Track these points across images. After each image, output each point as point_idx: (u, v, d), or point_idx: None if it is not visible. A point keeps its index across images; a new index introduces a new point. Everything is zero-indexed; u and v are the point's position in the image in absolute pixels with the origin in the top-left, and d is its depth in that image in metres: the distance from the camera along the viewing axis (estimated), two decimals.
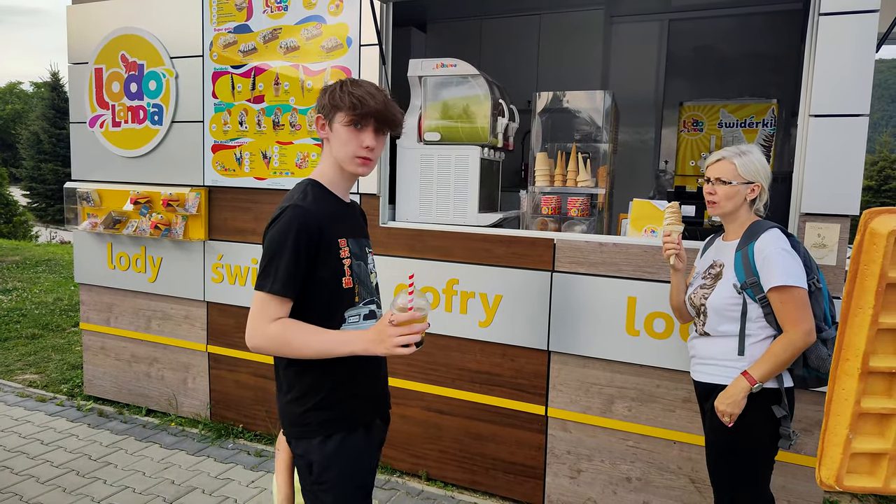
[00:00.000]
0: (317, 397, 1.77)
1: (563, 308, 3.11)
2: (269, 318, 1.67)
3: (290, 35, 3.61)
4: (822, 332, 2.14)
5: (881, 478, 1.88)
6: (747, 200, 2.26)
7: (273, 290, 1.66)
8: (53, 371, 5.22)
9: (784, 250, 2.11)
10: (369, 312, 1.86)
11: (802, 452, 2.78)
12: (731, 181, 2.23)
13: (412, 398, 3.49)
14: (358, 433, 1.84)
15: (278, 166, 3.73)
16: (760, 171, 2.24)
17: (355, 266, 1.81)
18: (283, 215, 1.70)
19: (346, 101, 1.73)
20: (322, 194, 1.81)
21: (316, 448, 1.78)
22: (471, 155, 3.39)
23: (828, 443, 1.90)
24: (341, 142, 1.77)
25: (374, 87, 1.79)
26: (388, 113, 1.77)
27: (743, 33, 4.88)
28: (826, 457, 1.90)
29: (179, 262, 4.13)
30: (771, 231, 2.17)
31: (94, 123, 4.32)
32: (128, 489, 3.36)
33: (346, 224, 1.84)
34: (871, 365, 1.80)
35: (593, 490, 3.16)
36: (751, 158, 2.25)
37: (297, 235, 1.67)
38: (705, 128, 4.24)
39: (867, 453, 1.87)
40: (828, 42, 2.57)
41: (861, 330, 1.80)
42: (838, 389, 1.88)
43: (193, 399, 4.24)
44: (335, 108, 1.75)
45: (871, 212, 1.79)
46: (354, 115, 1.73)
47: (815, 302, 2.14)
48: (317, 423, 1.78)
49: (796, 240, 2.21)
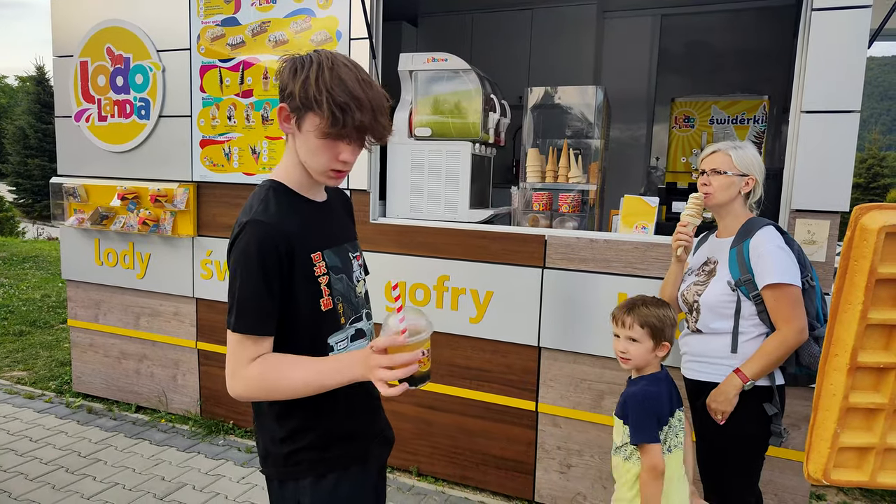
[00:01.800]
0: (308, 437, 1.51)
1: (553, 304, 3.11)
2: (246, 360, 1.39)
3: (279, 28, 3.58)
4: (814, 330, 2.14)
5: (868, 471, 1.89)
6: (741, 194, 2.26)
7: (240, 329, 1.38)
8: (42, 368, 5.18)
9: (779, 248, 2.11)
10: (356, 332, 1.59)
11: (789, 447, 2.79)
12: (727, 171, 2.24)
13: (403, 394, 3.47)
14: (352, 470, 1.58)
15: (267, 161, 3.70)
16: (755, 164, 2.26)
17: (335, 282, 1.52)
18: (242, 234, 1.39)
19: (324, 106, 1.33)
20: (286, 201, 1.48)
21: (307, 490, 1.52)
22: (462, 151, 3.37)
23: (816, 437, 1.90)
24: (310, 151, 1.42)
25: (363, 81, 1.39)
26: (377, 127, 1.41)
27: (735, 29, 4.89)
28: (814, 451, 1.90)
29: (168, 258, 4.10)
30: (766, 228, 2.17)
31: (79, 118, 4.27)
32: (118, 486, 3.34)
33: (320, 231, 1.53)
34: (859, 360, 1.80)
35: (583, 485, 3.16)
36: (746, 152, 2.26)
37: (263, 257, 1.37)
38: (697, 124, 4.24)
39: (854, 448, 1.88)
40: (820, 38, 2.58)
41: (850, 325, 1.80)
42: (827, 384, 1.88)
43: (183, 395, 4.21)
44: (307, 107, 1.37)
45: (862, 207, 1.79)
46: (333, 129, 1.36)
47: (809, 300, 2.15)
48: (308, 462, 1.52)
49: (790, 237, 2.21)
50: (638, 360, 2.08)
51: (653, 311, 2.06)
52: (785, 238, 2.18)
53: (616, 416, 2.13)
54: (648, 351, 2.06)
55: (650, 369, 2.12)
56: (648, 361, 2.09)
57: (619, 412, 2.11)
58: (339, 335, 1.54)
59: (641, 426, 2.01)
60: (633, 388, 2.10)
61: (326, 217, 1.59)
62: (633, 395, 2.07)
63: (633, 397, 2.06)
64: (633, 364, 2.09)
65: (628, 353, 2.08)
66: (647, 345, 2.06)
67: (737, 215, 2.29)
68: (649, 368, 2.12)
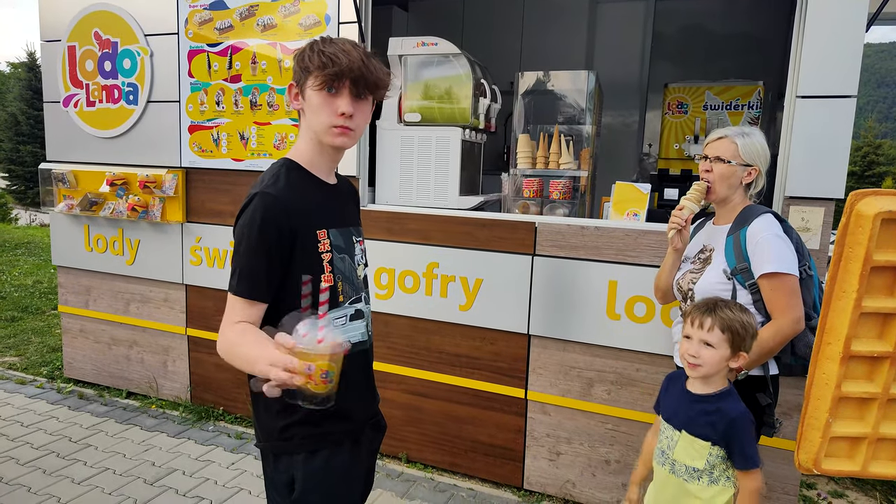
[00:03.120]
0: (303, 410, 1.53)
1: (543, 292, 3.09)
2: (232, 321, 1.47)
3: (268, 12, 3.52)
4: (811, 320, 2.11)
5: (860, 461, 1.88)
6: (743, 184, 2.21)
7: (240, 292, 1.47)
8: (33, 354, 5.16)
9: (777, 236, 2.07)
10: (356, 312, 1.64)
11: (781, 436, 2.79)
12: (730, 160, 2.18)
13: (392, 381, 3.47)
14: (345, 447, 1.63)
15: (256, 147, 3.66)
16: (761, 154, 2.19)
17: (337, 261, 1.58)
18: (250, 204, 1.47)
19: (315, 60, 1.46)
20: (298, 177, 1.56)
21: (299, 465, 1.58)
22: (452, 136, 3.34)
23: (807, 426, 1.89)
24: (314, 110, 1.51)
25: (351, 43, 1.51)
26: (367, 70, 1.48)
27: (729, 14, 4.85)
28: (805, 440, 1.90)
29: (157, 244, 4.07)
30: (764, 216, 2.12)
31: (67, 103, 4.21)
32: (108, 471, 3.33)
33: (328, 211, 1.59)
34: (852, 349, 1.79)
35: (572, 472, 3.16)
36: (753, 140, 2.19)
37: (265, 228, 1.44)
38: (690, 110, 4.21)
39: (846, 437, 1.87)
40: (816, 21, 2.54)
41: (844, 314, 1.79)
42: (819, 373, 1.87)
43: (174, 382, 4.20)
44: (305, 70, 1.49)
45: (858, 193, 1.76)
46: (325, 76, 1.45)
47: (806, 289, 2.11)
48: (301, 437, 1.57)
49: (789, 225, 2.17)
50: (710, 367, 1.86)
51: (737, 316, 1.85)
52: (784, 227, 2.13)
53: (696, 437, 1.90)
54: (723, 359, 1.86)
55: (718, 382, 1.91)
56: (719, 371, 1.89)
57: (712, 435, 1.87)
58: (337, 312, 1.59)
59: (753, 449, 1.84)
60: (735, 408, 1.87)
61: (334, 199, 1.65)
62: (740, 417, 1.85)
63: (743, 419, 1.85)
64: (704, 372, 1.87)
65: (700, 357, 1.86)
66: (723, 352, 1.85)
67: (735, 203, 2.24)
68: (717, 381, 1.91)
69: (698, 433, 1.89)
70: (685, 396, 1.95)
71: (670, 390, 2.06)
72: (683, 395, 1.96)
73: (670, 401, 2.03)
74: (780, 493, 2.83)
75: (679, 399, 1.98)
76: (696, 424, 1.90)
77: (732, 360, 1.87)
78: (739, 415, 1.86)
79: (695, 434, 1.90)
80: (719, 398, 1.90)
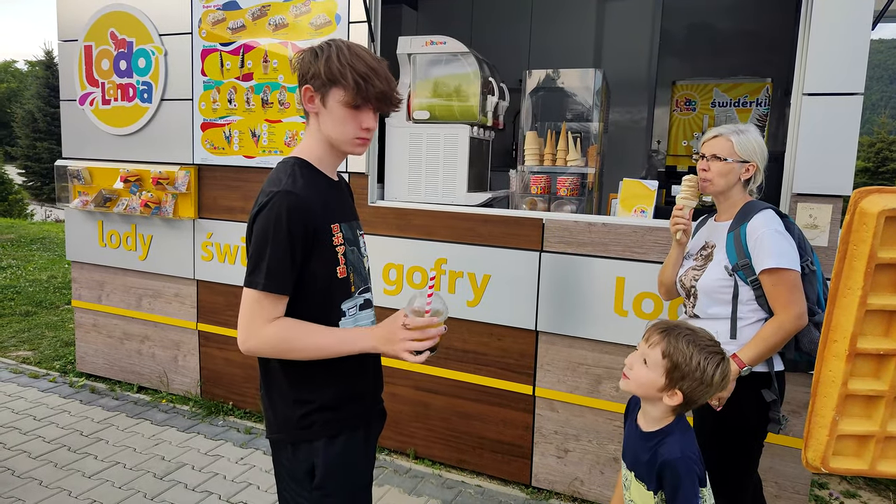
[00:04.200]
0: (323, 397, 1.61)
1: (551, 288, 3.10)
2: (264, 319, 1.51)
3: (279, 12, 3.56)
4: (814, 316, 2.11)
5: (867, 460, 1.87)
6: (741, 180, 2.22)
7: (267, 288, 1.49)
8: (47, 348, 5.24)
9: (777, 231, 2.07)
10: (364, 302, 1.71)
11: (790, 434, 2.78)
12: (727, 158, 2.19)
13: (400, 377, 3.49)
14: (359, 432, 1.70)
15: (267, 144, 3.70)
16: (757, 150, 2.20)
17: (349, 253, 1.64)
18: (272, 202, 1.50)
19: (348, 77, 1.50)
20: (311, 175, 1.61)
21: (320, 451, 1.62)
22: (460, 134, 3.36)
23: (814, 424, 1.89)
24: (337, 121, 1.56)
25: (375, 58, 1.56)
26: (394, 95, 1.58)
27: (737, 11, 4.82)
28: (812, 438, 1.90)
29: (169, 240, 4.12)
30: (765, 212, 2.12)
31: (84, 101, 4.28)
32: (119, 464, 3.38)
33: (337, 206, 1.66)
34: (858, 346, 1.78)
35: (580, 469, 3.17)
36: (748, 137, 2.20)
37: (291, 225, 1.48)
38: (698, 107, 4.19)
39: (854, 435, 1.87)
40: (823, 18, 2.53)
41: (849, 311, 1.79)
42: (825, 371, 1.87)
43: (184, 376, 4.25)
44: (332, 82, 1.52)
45: (862, 191, 1.76)
46: (359, 96, 1.52)
47: (809, 284, 2.11)
48: (321, 423, 1.62)
49: (791, 220, 2.18)
50: (636, 386, 1.69)
51: (689, 352, 1.62)
52: (785, 222, 2.14)
53: (640, 482, 1.72)
54: (654, 385, 1.65)
55: (661, 417, 1.70)
56: (648, 397, 1.70)
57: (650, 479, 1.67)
58: (349, 302, 1.65)
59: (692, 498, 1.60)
60: (669, 450, 1.63)
61: (340, 194, 1.72)
62: (677, 462, 1.61)
63: (677, 464, 1.60)
64: (628, 388, 1.71)
65: (632, 370, 1.69)
66: (656, 377, 1.64)
67: (735, 200, 2.25)
68: (659, 414, 1.69)
69: (644, 479, 1.70)
70: (635, 430, 1.78)
71: (629, 418, 1.87)
72: (634, 428, 1.79)
73: (627, 431, 1.86)
74: (790, 492, 2.82)
75: (631, 431, 1.82)
76: (640, 466, 1.72)
77: (667, 393, 1.64)
78: (672, 459, 1.61)
79: (641, 479, 1.72)
80: (659, 437, 1.68)
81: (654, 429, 1.71)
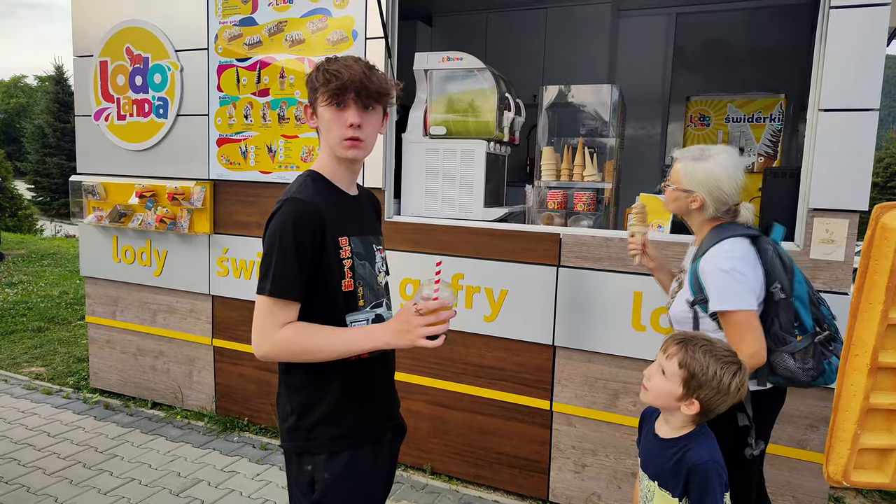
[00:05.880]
0: (322, 409, 1.63)
1: (568, 303, 3.10)
2: (276, 324, 1.53)
3: (296, 28, 3.60)
4: (786, 345, 2.02)
5: (889, 473, 1.87)
6: (690, 209, 2.14)
7: (275, 293, 1.52)
8: (59, 364, 5.24)
9: (721, 270, 1.99)
10: (376, 317, 1.71)
11: (808, 448, 2.77)
12: (672, 186, 2.15)
13: (417, 392, 3.49)
14: (367, 449, 1.70)
15: (283, 160, 3.72)
16: (706, 181, 2.07)
17: (358, 267, 1.65)
18: (280, 210, 1.56)
19: (319, 78, 1.58)
20: (323, 186, 1.65)
21: (321, 465, 1.64)
22: (476, 149, 3.38)
23: (836, 438, 1.89)
24: (326, 126, 1.61)
25: (353, 58, 1.62)
26: (368, 81, 1.57)
27: (750, 27, 4.86)
28: (834, 452, 1.89)
29: (184, 255, 4.14)
30: (721, 244, 2.03)
31: (98, 117, 4.32)
32: (134, 481, 3.37)
33: (350, 220, 1.67)
34: (880, 360, 1.79)
35: (598, 485, 3.16)
36: (700, 166, 2.08)
37: (298, 230, 1.52)
38: (712, 122, 4.21)
39: (875, 449, 1.87)
40: (838, 36, 2.55)
41: (871, 325, 1.79)
42: (847, 385, 1.87)
43: (199, 392, 4.25)
44: (313, 90, 1.61)
45: (883, 206, 1.77)
46: (330, 91, 1.56)
47: (782, 311, 2.02)
48: (324, 438, 1.64)
49: (763, 244, 2.05)
50: (655, 397, 1.72)
51: (705, 361, 1.64)
52: (758, 245, 2.04)
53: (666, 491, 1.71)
54: (672, 396, 1.67)
55: (682, 424, 1.72)
56: (667, 407, 1.72)
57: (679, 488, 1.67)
58: (357, 316, 1.66)
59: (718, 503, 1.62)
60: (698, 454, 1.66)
61: (355, 208, 1.74)
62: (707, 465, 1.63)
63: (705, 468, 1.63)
64: (647, 399, 1.74)
65: (651, 381, 1.73)
66: (674, 387, 1.67)
67: (699, 226, 2.18)
68: (680, 422, 1.71)
69: (669, 486, 1.70)
70: (654, 439, 1.79)
71: (644, 429, 1.89)
72: (653, 438, 1.80)
73: (644, 443, 1.87)
74: None
75: (649, 441, 1.82)
76: (665, 474, 1.71)
77: (685, 403, 1.66)
78: (700, 463, 1.63)
79: (665, 487, 1.71)
80: (684, 442, 1.70)
81: (673, 436, 1.73)
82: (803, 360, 2.03)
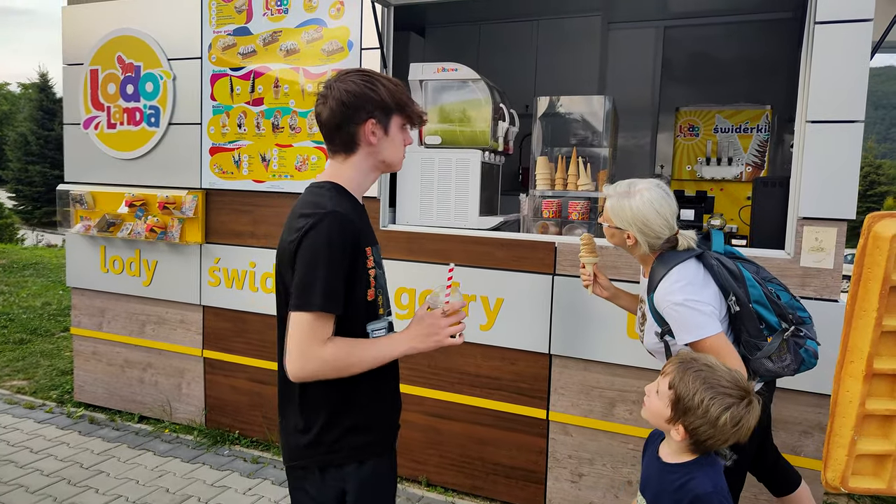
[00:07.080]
0: (351, 419, 1.62)
1: (564, 311, 3.11)
2: (320, 340, 1.50)
3: (291, 38, 3.60)
4: (759, 350, 2.06)
5: (885, 479, 1.90)
6: (628, 245, 2.15)
7: (324, 308, 1.49)
8: (42, 377, 5.13)
9: (676, 305, 1.99)
10: (388, 325, 1.74)
11: (802, 455, 2.79)
12: (604, 223, 2.17)
13: (412, 403, 3.47)
14: (386, 456, 1.73)
15: (277, 169, 3.71)
16: (634, 220, 2.07)
17: (379, 276, 1.68)
18: (322, 223, 1.52)
19: (403, 99, 1.65)
20: (348, 198, 1.65)
21: (351, 475, 1.63)
22: (471, 159, 3.40)
23: (833, 445, 1.91)
24: (396, 146, 1.68)
25: None
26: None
27: (737, 40, 4.96)
28: (831, 459, 1.91)
29: (175, 265, 4.09)
30: (667, 278, 2.03)
31: (88, 125, 4.28)
32: (121, 498, 3.29)
33: (369, 230, 1.71)
34: (875, 367, 1.82)
35: (595, 494, 3.16)
36: (626, 204, 2.08)
37: (343, 245, 1.52)
38: (701, 133, 4.28)
39: (872, 455, 1.90)
40: (823, 50, 2.62)
41: (865, 332, 1.82)
42: (843, 392, 1.90)
43: (188, 405, 4.19)
44: (400, 108, 1.65)
45: (875, 216, 1.81)
46: (415, 114, 1.69)
47: (746, 319, 2.05)
48: (350, 448, 1.62)
49: (709, 261, 2.07)
50: (649, 415, 1.69)
51: (695, 388, 1.56)
52: (705, 261, 2.06)
53: None
54: (661, 416, 1.63)
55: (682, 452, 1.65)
56: (661, 428, 1.69)
57: None
58: (377, 324, 1.68)
59: None
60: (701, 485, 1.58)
61: (367, 218, 1.77)
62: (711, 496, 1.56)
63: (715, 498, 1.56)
64: (644, 415, 1.72)
65: (648, 398, 1.70)
66: (663, 408, 1.62)
67: (642, 258, 2.19)
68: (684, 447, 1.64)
69: None
70: (656, 462, 1.73)
71: (648, 451, 1.84)
72: (655, 461, 1.74)
73: (647, 464, 1.82)
74: None
75: (651, 464, 1.77)
76: (663, 497, 1.66)
77: (673, 426, 1.61)
78: (704, 494, 1.56)
79: None
80: (687, 470, 1.63)
81: (675, 461, 1.66)
82: (780, 358, 2.08)
